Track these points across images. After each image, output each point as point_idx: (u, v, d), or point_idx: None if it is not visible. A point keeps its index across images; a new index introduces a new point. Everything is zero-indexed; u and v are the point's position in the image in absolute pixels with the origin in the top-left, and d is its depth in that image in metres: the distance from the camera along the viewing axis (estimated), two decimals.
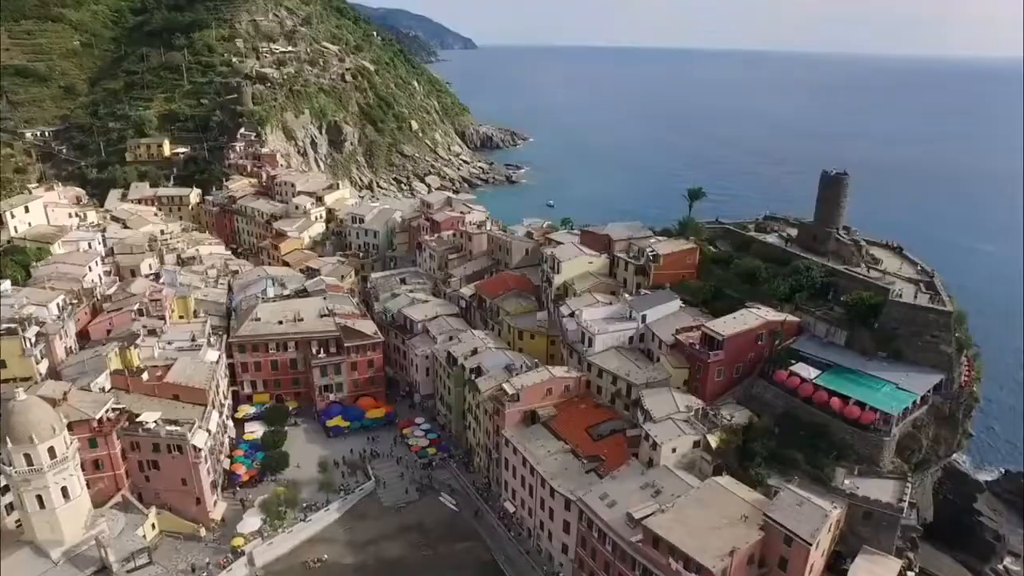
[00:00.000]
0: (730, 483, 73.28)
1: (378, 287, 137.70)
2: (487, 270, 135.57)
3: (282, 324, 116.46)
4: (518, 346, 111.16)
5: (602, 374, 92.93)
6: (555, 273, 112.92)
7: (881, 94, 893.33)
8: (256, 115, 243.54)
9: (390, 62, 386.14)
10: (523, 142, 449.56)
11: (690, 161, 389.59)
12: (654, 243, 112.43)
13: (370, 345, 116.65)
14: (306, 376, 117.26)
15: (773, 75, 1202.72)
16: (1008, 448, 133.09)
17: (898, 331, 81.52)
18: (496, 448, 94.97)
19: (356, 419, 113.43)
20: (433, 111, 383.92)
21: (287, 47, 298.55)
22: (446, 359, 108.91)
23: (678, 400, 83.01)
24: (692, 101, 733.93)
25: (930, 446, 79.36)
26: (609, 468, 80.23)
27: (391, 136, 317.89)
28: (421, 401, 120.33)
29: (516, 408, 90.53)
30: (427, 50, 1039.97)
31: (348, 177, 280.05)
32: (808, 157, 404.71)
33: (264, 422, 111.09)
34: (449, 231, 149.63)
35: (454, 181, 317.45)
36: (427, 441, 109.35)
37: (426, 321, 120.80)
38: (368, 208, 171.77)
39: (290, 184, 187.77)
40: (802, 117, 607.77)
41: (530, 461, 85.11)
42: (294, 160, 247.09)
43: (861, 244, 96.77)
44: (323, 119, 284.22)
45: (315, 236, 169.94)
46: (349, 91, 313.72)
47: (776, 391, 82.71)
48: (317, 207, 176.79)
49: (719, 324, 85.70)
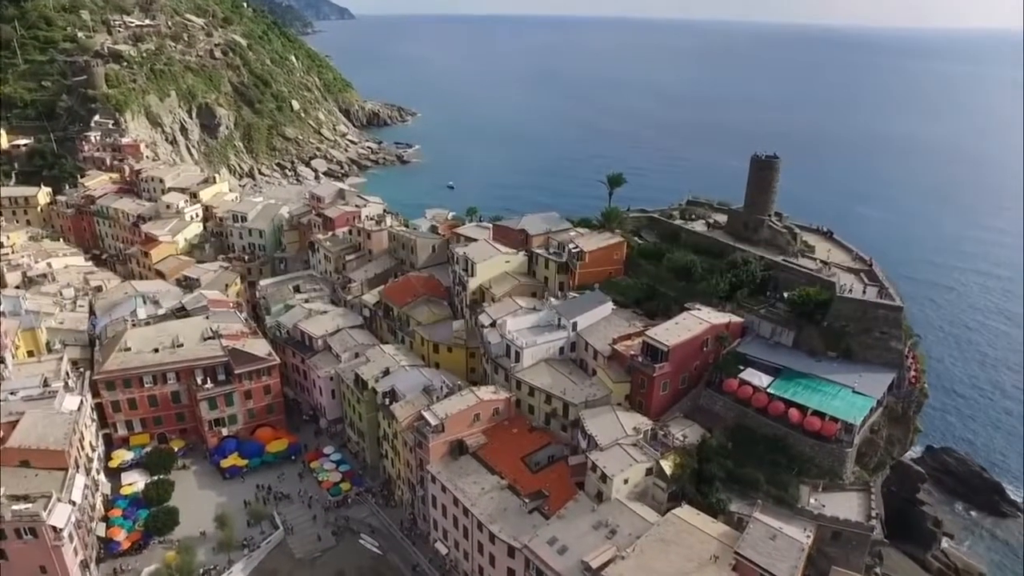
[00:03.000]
0: (691, 515, 66.21)
1: (269, 297, 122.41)
2: (391, 272, 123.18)
3: (158, 352, 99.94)
4: (433, 360, 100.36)
5: (534, 392, 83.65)
6: (469, 276, 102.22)
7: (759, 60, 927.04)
8: (112, 99, 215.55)
9: (264, 36, 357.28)
10: (411, 117, 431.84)
11: (584, 133, 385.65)
12: (575, 236, 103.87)
13: (265, 369, 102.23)
14: (192, 409, 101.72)
15: (658, 43, 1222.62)
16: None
17: (847, 328, 76.88)
18: (420, 483, 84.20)
19: (255, 455, 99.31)
20: (315, 88, 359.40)
21: (144, 20, 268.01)
22: (354, 382, 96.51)
23: (623, 421, 75.00)
24: (580, 71, 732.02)
25: (885, 448, 75.38)
26: (554, 506, 71.26)
27: (271, 117, 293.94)
28: (328, 426, 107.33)
29: (441, 439, 79.84)
30: (302, 21, 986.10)
31: (226, 165, 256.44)
32: (698, 125, 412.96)
33: (145, 469, 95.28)
34: (344, 228, 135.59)
35: (342, 164, 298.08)
36: (339, 475, 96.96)
37: (327, 336, 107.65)
38: (251, 205, 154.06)
39: (158, 179, 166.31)
40: (688, 85, 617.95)
41: (463, 502, 74.96)
42: (162, 150, 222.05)
43: (796, 232, 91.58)
44: (192, 101, 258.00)
45: (191, 239, 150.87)
46: (220, 69, 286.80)
47: (726, 401, 76.45)
48: (192, 205, 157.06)
49: (662, 332, 77.96)
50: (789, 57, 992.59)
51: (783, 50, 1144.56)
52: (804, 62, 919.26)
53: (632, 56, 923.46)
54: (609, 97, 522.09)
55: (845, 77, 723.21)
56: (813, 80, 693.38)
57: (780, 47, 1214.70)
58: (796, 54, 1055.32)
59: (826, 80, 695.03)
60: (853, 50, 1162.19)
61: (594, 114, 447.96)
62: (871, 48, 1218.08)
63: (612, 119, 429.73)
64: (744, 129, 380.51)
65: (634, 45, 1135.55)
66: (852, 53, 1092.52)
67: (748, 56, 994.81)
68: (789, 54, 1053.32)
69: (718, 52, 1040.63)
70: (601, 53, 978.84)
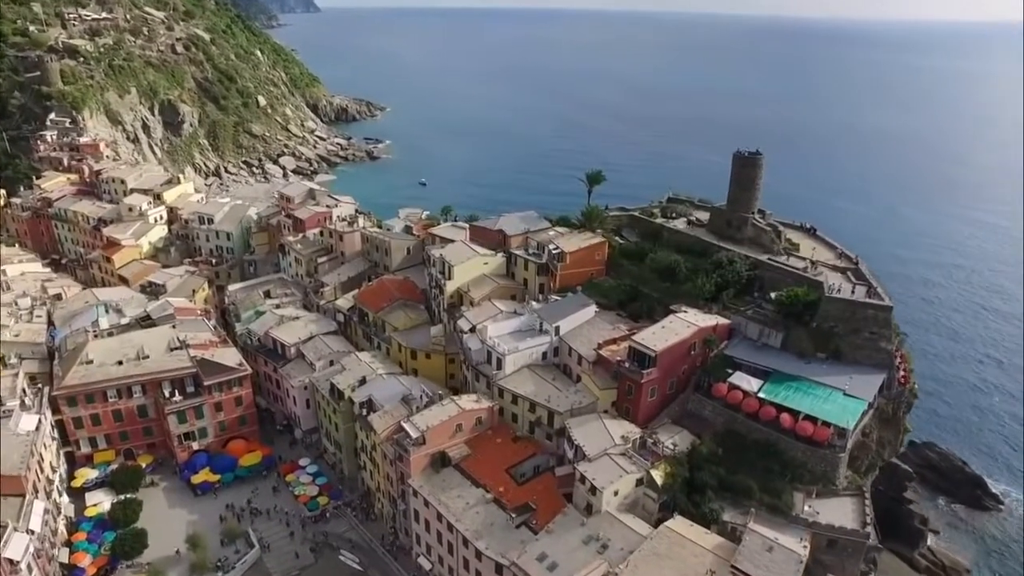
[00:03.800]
0: (684, 527, 64.31)
1: (238, 303, 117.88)
2: (364, 274, 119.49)
3: (122, 364, 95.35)
4: (411, 367, 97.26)
5: (517, 400, 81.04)
6: (447, 279, 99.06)
7: (728, 53, 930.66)
8: (69, 96, 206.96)
9: (227, 30, 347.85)
10: (380, 112, 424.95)
11: (559, 127, 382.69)
12: (554, 237, 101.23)
13: (236, 379, 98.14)
14: (160, 423, 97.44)
15: (626, 36, 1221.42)
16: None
17: (836, 329, 75.40)
18: (402, 497, 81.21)
19: (227, 469, 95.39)
20: (281, 83, 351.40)
21: (100, 13, 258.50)
22: (329, 392, 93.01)
23: (611, 429, 72.76)
24: (553, 64, 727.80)
25: (876, 451, 74.19)
26: (542, 519, 68.83)
27: (236, 114, 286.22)
28: (304, 437, 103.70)
29: (422, 452, 76.91)
30: (267, 14, 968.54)
31: (191, 163, 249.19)
32: (674, 120, 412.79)
33: (111, 488, 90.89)
34: (315, 229, 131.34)
35: (311, 161, 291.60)
36: (316, 488, 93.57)
37: (300, 344, 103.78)
38: (217, 206, 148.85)
39: (119, 180, 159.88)
40: (662, 79, 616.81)
41: (447, 517, 72.16)
42: (123, 149, 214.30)
43: (780, 229, 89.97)
44: (154, 98, 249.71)
45: (156, 242, 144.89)
46: (183, 64, 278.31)
47: (715, 406, 74.58)
48: (155, 207, 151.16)
49: (649, 337, 75.73)
50: (773, 51, 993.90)
51: (764, 43, 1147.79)
52: (782, 55, 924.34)
53: (609, 50, 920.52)
54: (585, 91, 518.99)
55: (825, 71, 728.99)
56: (792, 74, 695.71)
57: (761, 40, 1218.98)
58: (779, 48, 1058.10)
59: (804, 74, 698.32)
60: (837, 44, 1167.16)
61: (569, 108, 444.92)
62: (852, 41, 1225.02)
63: (587, 114, 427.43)
64: (721, 123, 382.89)
65: (611, 39, 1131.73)
66: (835, 47, 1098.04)
67: (727, 50, 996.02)
68: (773, 48, 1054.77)
69: (693, 46, 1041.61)
70: (577, 47, 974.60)
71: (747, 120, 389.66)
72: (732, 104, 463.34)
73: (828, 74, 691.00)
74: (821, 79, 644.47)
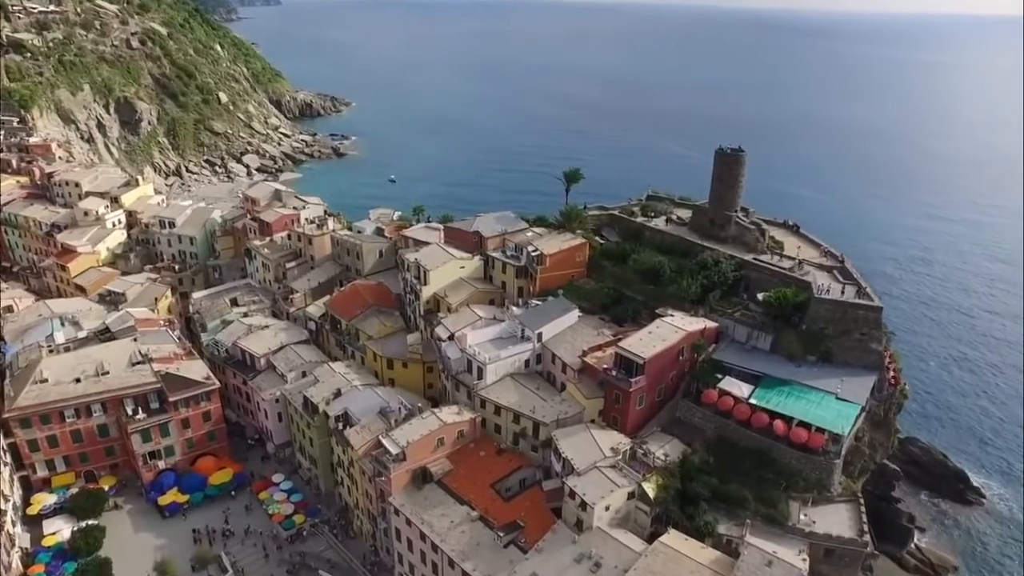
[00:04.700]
0: (679, 541, 62.05)
1: (204, 312, 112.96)
2: (335, 279, 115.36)
3: (80, 382, 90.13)
4: (387, 376, 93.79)
5: (500, 411, 78.03)
6: (422, 284, 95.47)
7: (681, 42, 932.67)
8: (16, 94, 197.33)
9: (185, 24, 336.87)
10: (346, 107, 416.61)
11: (526, 121, 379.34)
12: (533, 238, 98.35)
13: (203, 394, 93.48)
14: (123, 442, 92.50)
15: (587, 28, 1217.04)
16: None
17: (826, 331, 73.72)
18: (382, 515, 77.81)
19: (197, 489, 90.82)
20: (243, 79, 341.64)
21: (48, 5, 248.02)
22: (303, 405, 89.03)
23: (600, 440, 70.19)
24: (517, 57, 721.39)
25: (869, 455, 72.84)
26: (531, 537, 66.06)
27: (197, 111, 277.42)
28: (276, 451, 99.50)
29: (403, 469, 73.56)
30: (226, 7, 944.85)
31: (150, 163, 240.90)
32: (639, 113, 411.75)
33: (71, 514, 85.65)
34: (282, 233, 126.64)
35: (275, 159, 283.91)
36: (291, 506, 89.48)
37: (270, 354, 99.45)
38: (179, 209, 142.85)
39: (74, 183, 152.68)
40: (624, 71, 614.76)
41: (431, 537, 69.01)
42: (77, 149, 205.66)
43: (763, 228, 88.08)
44: (110, 95, 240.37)
45: (114, 248, 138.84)
46: (139, 60, 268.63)
47: (705, 413, 72.46)
48: (113, 211, 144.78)
49: (636, 343, 73.14)
50: (738, 43, 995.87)
51: (727, 34, 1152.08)
52: (745, 45, 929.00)
53: (571, 42, 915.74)
54: (551, 85, 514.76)
55: (789, 61, 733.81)
56: (758, 64, 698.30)
57: (723, 31, 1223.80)
58: (743, 39, 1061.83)
59: (770, 64, 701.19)
60: (802, 35, 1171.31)
61: (536, 103, 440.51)
62: (820, 33, 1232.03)
63: (555, 107, 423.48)
64: (693, 117, 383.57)
65: (572, 31, 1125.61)
66: (799, 37, 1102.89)
67: (694, 41, 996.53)
68: (738, 40, 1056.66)
69: (658, 38, 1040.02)
70: (537, 39, 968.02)
71: (718, 113, 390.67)
72: (703, 97, 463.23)
73: (792, 66, 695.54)
74: (787, 71, 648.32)
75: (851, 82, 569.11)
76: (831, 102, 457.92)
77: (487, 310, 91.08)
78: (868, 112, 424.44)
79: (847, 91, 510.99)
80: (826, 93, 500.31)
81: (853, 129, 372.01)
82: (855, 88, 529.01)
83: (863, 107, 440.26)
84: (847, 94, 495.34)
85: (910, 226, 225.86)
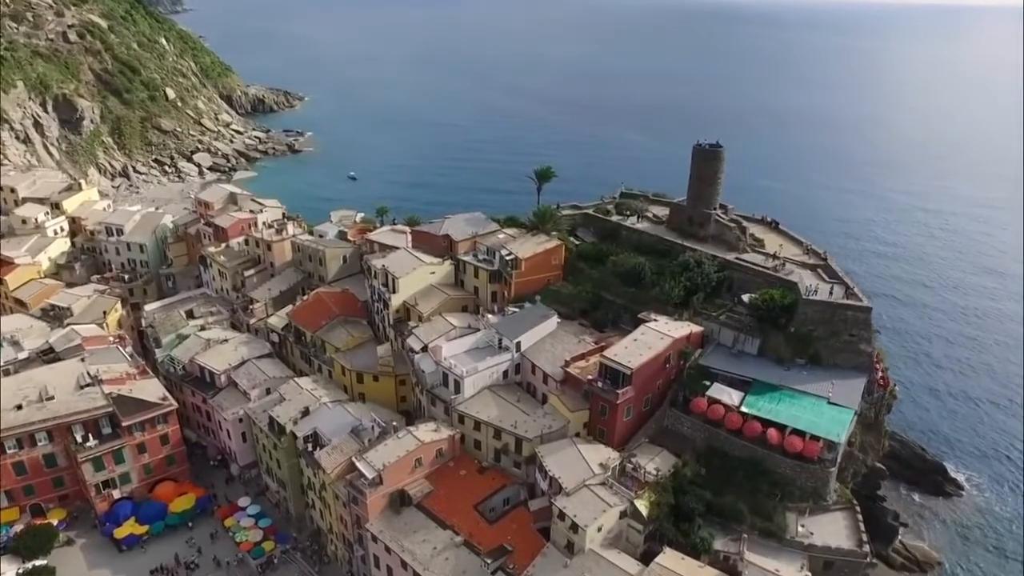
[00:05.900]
0: (675, 561, 59.34)
1: (158, 326, 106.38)
2: (297, 287, 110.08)
3: (22, 409, 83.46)
4: (357, 391, 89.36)
5: (480, 427, 74.29)
6: (391, 292, 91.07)
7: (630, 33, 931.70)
8: None
9: (127, 16, 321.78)
10: (299, 102, 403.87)
11: (488, 115, 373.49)
12: (506, 240, 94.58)
13: (159, 416, 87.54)
14: (73, 471, 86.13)
15: (546, 19, 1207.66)
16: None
17: (814, 332, 71.66)
18: (359, 542, 73.51)
19: (156, 518, 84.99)
20: (191, 74, 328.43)
21: None
22: (268, 426, 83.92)
23: (587, 456, 67.09)
24: (474, 49, 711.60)
25: (861, 459, 71.14)
26: (520, 562, 62.72)
27: (143, 108, 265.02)
28: (241, 472, 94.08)
29: (380, 493, 69.48)
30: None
31: (94, 164, 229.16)
32: (602, 102, 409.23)
33: (16, 555, 79.06)
34: (239, 238, 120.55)
35: (228, 157, 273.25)
36: (260, 532, 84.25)
37: (231, 370, 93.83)
38: (127, 215, 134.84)
39: (9, 189, 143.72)
40: (588, 64, 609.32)
41: (413, 567, 65.06)
42: (12, 151, 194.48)
43: (744, 225, 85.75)
44: (47, 93, 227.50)
45: (57, 258, 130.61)
46: (77, 55, 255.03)
47: (694, 422, 69.89)
48: (54, 218, 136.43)
49: (622, 352, 70.05)
50: (706, 32, 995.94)
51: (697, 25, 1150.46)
52: (712, 36, 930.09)
53: (529, 34, 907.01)
54: (510, 77, 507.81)
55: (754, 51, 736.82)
56: (727, 56, 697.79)
57: (691, 21, 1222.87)
58: (713, 29, 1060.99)
59: (738, 56, 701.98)
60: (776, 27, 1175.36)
61: (498, 96, 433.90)
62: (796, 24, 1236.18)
63: (516, 100, 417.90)
64: (658, 108, 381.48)
65: (531, 22, 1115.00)
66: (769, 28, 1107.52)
67: (661, 31, 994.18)
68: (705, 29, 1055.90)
69: (621, 30, 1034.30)
70: (501, 30, 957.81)
71: (685, 105, 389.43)
72: (668, 89, 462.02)
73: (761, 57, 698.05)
74: (758, 63, 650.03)
75: (792, 68, 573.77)
76: (795, 92, 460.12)
77: (461, 318, 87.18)
78: (833, 101, 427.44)
79: (817, 80, 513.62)
80: (800, 84, 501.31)
81: (824, 120, 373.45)
82: (824, 78, 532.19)
83: (830, 97, 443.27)
84: (817, 84, 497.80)
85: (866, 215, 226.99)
